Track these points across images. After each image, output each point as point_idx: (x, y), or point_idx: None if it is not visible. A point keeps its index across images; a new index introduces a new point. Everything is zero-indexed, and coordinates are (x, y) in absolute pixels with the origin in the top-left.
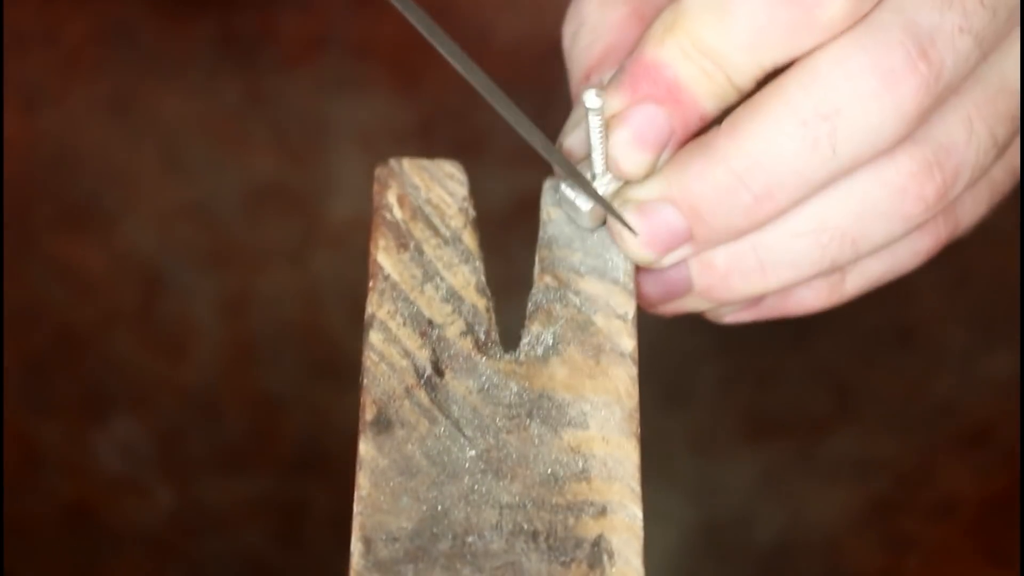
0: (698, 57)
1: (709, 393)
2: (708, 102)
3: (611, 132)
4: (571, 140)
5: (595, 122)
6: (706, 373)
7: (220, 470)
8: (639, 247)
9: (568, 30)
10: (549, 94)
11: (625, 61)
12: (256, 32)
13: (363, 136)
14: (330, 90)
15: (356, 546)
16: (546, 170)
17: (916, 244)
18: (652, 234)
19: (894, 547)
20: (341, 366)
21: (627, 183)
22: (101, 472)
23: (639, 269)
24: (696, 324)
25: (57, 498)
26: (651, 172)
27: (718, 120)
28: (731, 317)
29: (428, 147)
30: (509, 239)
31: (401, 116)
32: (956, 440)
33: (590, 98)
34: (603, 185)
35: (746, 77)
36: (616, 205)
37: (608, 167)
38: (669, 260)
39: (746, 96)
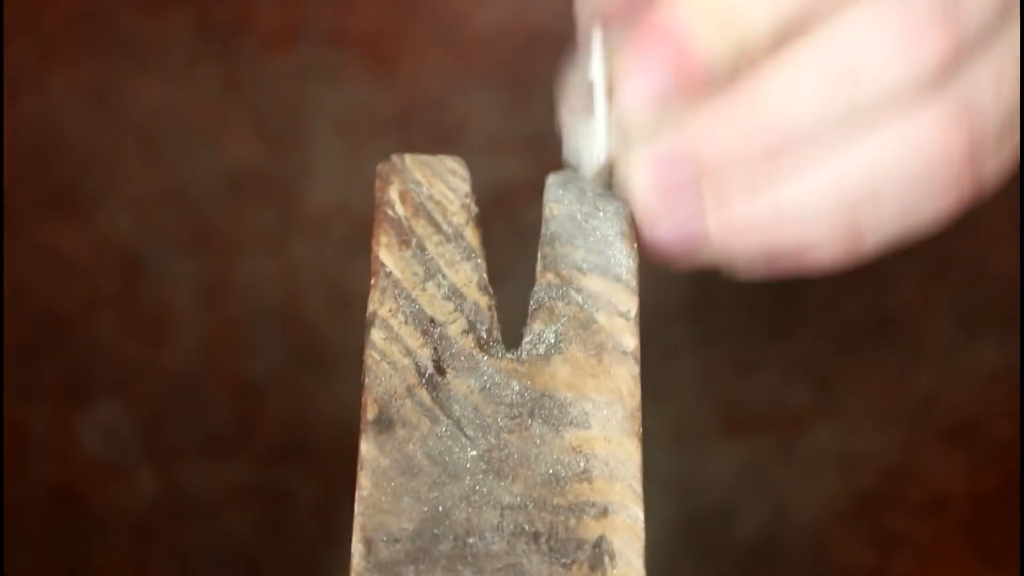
0: (713, 13)
1: (687, 386)
2: (718, 60)
3: (617, 86)
4: (574, 101)
5: (599, 66)
6: (684, 366)
7: (203, 455)
8: (649, 199)
9: None
10: (528, 83)
11: (637, 14)
12: (233, 20)
13: (341, 124)
14: (308, 78)
15: (357, 547)
16: (526, 160)
17: (938, 202)
18: (664, 187)
19: (883, 544)
20: (322, 353)
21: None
22: (85, 457)
23: (655, 222)
24: (673, 316)
25: (43, 483)
26: (656, 127)
27: None
28: (747, 272)
29: (406, 135)
30: (489, 229)
31: (379, 104)
32: (941, 434)
33: (595, 60)
34: (605, 136)
35: (761, 33)
36: (628, 158)
37: (611, 119)
38: (679, 213)
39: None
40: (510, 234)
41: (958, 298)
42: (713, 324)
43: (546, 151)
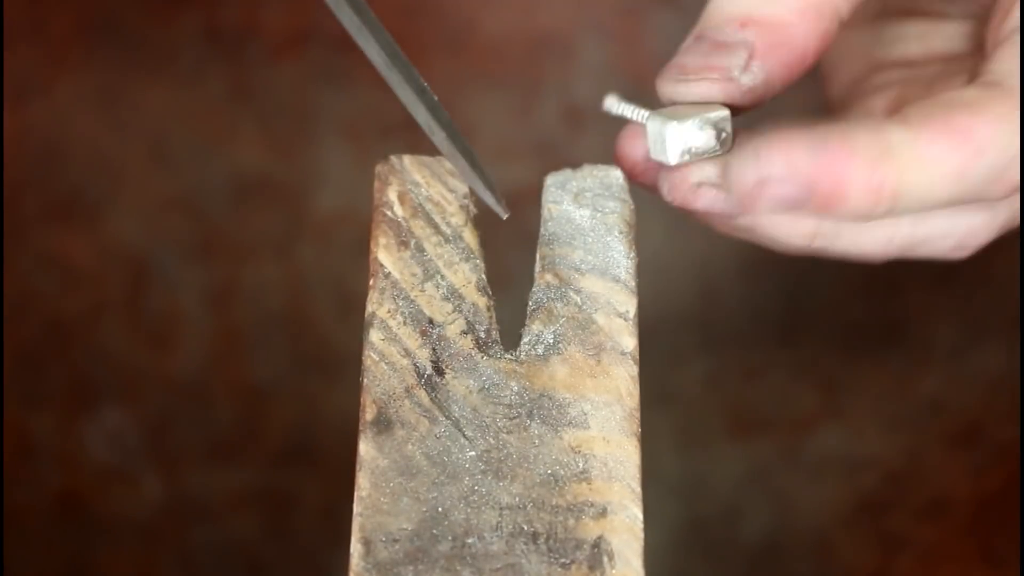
0: (888, 199)
1: (694, 390)
2: (855, 217)
3: (761, 191)
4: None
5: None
6: (691, 370)
7: (209, 460)
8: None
9: None
10: (535, 88)
11: (817, 147)
12: (241, 25)
13: (348, 128)
14: (315, 83)
15: (356, 547)
16: (533, 164)
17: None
18: (698, 202)
19: (886, 546)
20: (327, 357)
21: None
22: (91, 462)
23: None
24: (680, 321)
25: (48, 488)
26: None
27: None
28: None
29: (414, 140)
30: (496, 235)
31: (386, 108)
32: (946, 437)
33: (611, 103)
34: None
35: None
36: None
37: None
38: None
39: None
40: (516, 238)
41: (963, 303)
42: (720, 329)
43: (553, 155)
